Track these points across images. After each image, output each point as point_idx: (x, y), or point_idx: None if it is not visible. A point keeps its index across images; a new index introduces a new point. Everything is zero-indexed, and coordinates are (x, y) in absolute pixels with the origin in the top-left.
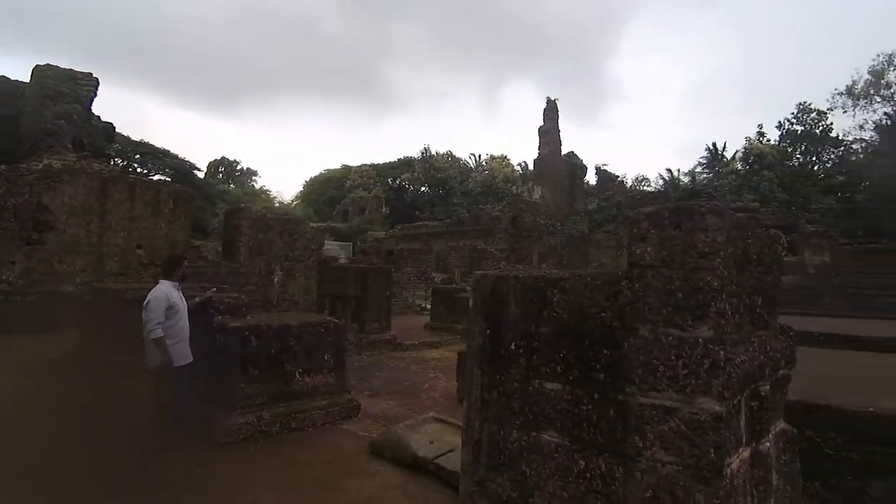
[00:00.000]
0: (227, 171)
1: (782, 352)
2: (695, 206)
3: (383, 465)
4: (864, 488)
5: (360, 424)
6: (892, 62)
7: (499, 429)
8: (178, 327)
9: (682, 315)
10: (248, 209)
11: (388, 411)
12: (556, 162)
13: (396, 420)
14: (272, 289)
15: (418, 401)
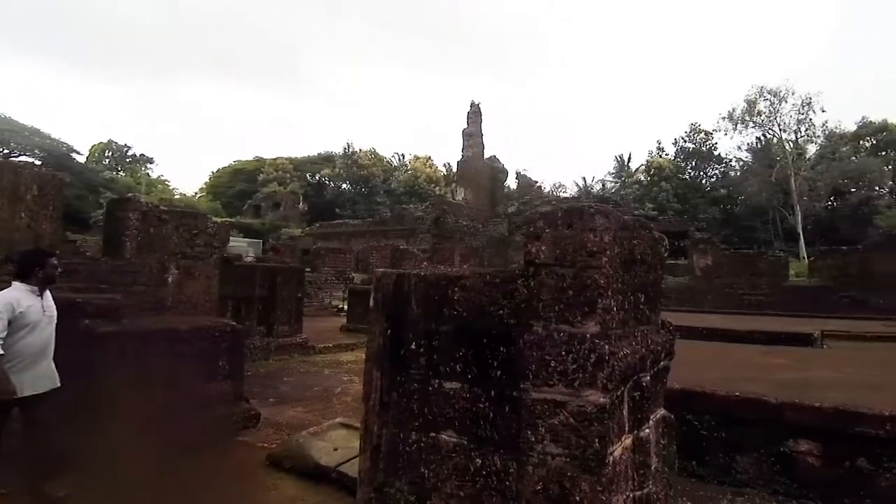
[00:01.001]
0: (116, 156)
1: (663, 345)
2: (585, 207)
3: (283, 478)
4: (731, 463)
5: (259, 435)
6: (763, 93)
7: (398, 431)
8: (22, 345)
9: (572, 312)
10: (137, 199)
11: (294, 419)
12: (479, 165)
13: (302, 428)
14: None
15: (329, 406)
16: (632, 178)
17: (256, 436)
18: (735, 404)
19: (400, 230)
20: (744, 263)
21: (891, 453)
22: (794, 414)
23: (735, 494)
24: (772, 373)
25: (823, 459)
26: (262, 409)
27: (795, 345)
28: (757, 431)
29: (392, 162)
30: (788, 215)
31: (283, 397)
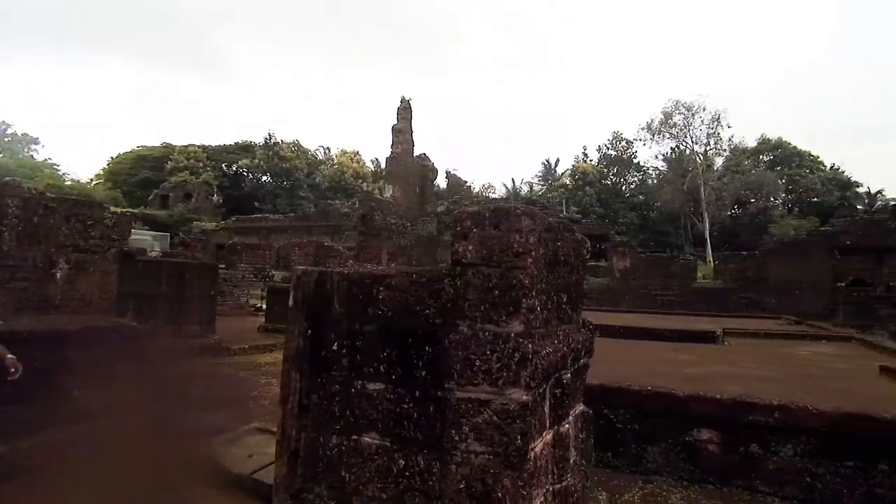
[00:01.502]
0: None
1: (583, 343)
2: (512, 208)
3: (192, 488)
4: (643, 453)
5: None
6: (678, 107)
7: (318, 435)
8: None
9: (497, 311)
10: (18, 184)
11: (205, 426)
12: (408, 162)
13: (214, 435)
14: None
15: (244, 411)
16: (558, 181)
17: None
18: (647, 398)
19: (324, 226)
20: (658, 266)
21: (778, 438)
22: (698, 406)
23: (645, 482)
24: (680, 368)
25: (722, 446)
26: (171, 417)
27: (701, 342)
28: (666, 423)
29: (317, 155)
30: (698, 222)
31: (194, 402)
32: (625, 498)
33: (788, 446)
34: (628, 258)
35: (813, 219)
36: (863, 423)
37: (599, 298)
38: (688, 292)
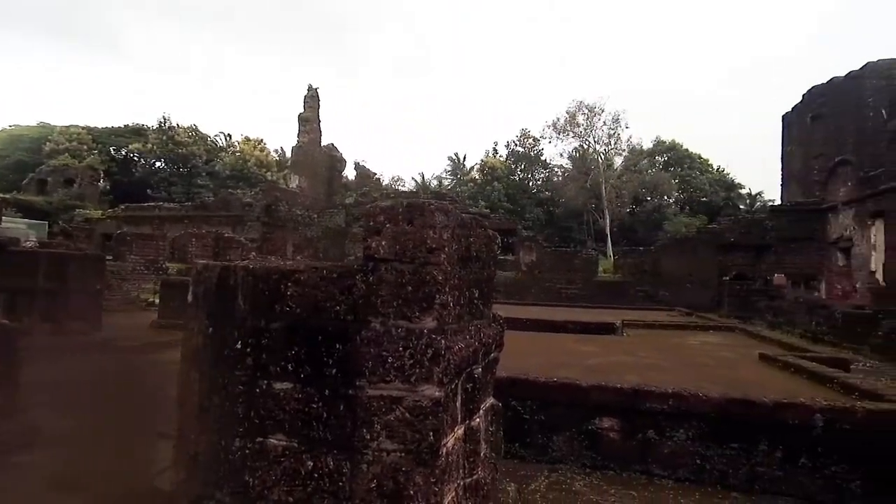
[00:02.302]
0: None
1: (494, 337)
2: (426, 204)
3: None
4: (548, 443)
5: (43, 454)
6: (581, 108)
7: (220, 439)
8: None
9: (410, 307)
10: None
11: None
12: (315, 152)
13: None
14: None
15: (135, 413)
16: (467, 176)
17: (39, 454)
18: (552, 389)
19: (225, 217)
20: (562, 260)
21: (671, 424)
22: (600, 395)
23: (551, 471)
24: (583, 359)
25: (622, 433)
26: (48, 423)
27: (602, 333)
28: (570, 412)
29: (217, 142)
30: (599, 218)
31: (75, 406)
32: (532, 487)
33: (681, 431)
34: (534, 252)
35: (702, 217)
36: (745, 408)
37: (507, 292)
38: (590, 286)
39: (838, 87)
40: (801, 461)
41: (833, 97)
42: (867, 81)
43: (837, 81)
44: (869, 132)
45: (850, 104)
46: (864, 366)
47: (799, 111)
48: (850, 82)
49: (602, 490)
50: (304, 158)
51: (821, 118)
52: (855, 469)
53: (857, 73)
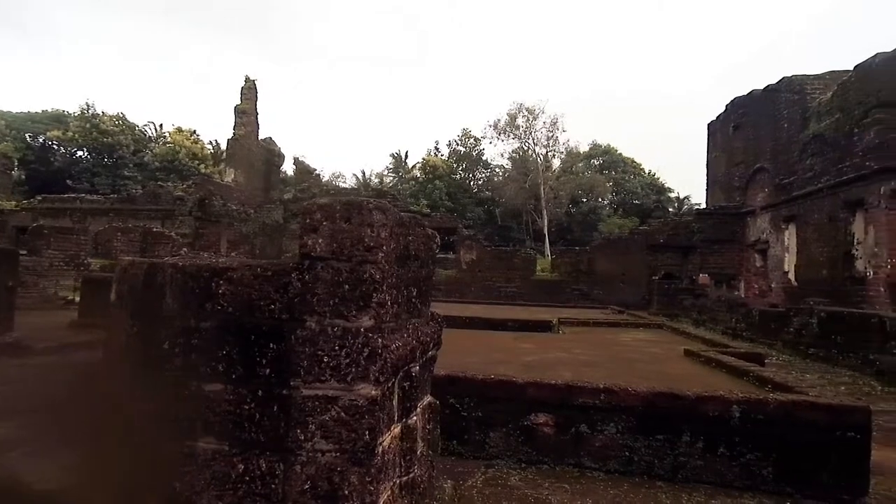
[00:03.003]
0: None
1: (432, 336)
2: (364, 202)
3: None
4: (485, 439)
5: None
6: (521, 110)
7: (145, 443)
8: None
9: (347, 306)
10: None
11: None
12: (252, 145)
13: (14, 449)
14: None
15: (52, 418)
16: (409, 174)
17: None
18: (490, 386)
19: (154, 211)
20: (502, 259)
21: (602, 418)
22: (535, 391)
23: (487, 467)
24: (520, 356)
25: (556, 428)
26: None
27: (539, 331)
28: (507, 409)
29: (146, 132)
30: (538, 218)
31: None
32: (468, 483)
33: (612, 425)
34: (475, 251)
35: (634, 219)
36: (670, 402)
37: (448, 290)
38: (528, 284)
39: (757, 100)
40: (720, 450)
41: (752, 109)
42: (782, 95)
43: (756, 94)
44: (783, 142)
45: (767, 116)
46: (777, 360)
47: (722, 120)
48: (768, 95)
49: (537, 484)
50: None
51: (741, 128)
52: (767, 456)
53: (773, 86)
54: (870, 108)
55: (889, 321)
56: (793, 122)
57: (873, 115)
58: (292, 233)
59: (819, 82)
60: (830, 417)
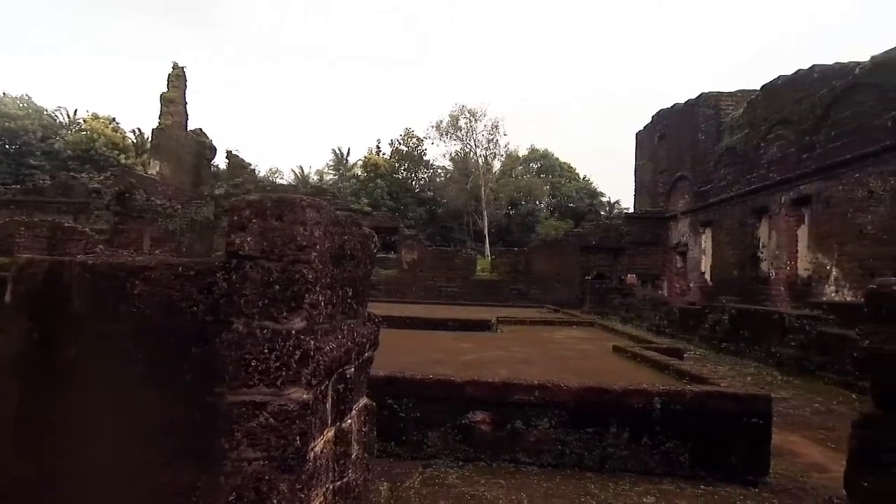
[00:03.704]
0: None
1: (368, 336)
2: (297, 199)
3: None
4: (423, 439)
5: None
6: (464, 112)
7: (47, 459)
8: None
9: (277, 307)
10: None
11: None
12: (180, 136)
13: None
14: None
15: None
16: (350, 172)
17: None
18: (429, 386)
19: (65, 204)
20: (443, 259)
21: (537, 413)
22: (474, 389)
23: (425, 466)
24: (459, 355)
25: (493, 425)
26: None
27: (478, 330)
28: (445, 408)
29: (56, 117)
30: (479, 219)
31: None
32: (406, 484)
33: (545, 420)
34: (416, 251)
35: (569, 221)
36: (599, 395)
37: (388, 290)
38: (469, 284)
39: (679, 112)
40: (643, 440)
41: (675, 120)
42: (700, 109)
43: (678, 107)
44: (701, 153)
45: (687, 128)
46: (695, 353)
47: (649, 130)
48: (688, 109)
49: (474, 481)
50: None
51: (665, 138)
52: (684, 444)
53: (693, 101)
54: (773, 125)
55: (787, 317)
56: (709, 135)
57: (776, 132)
58: (224, 230)
59: (732, 99)
60: (738, 406)
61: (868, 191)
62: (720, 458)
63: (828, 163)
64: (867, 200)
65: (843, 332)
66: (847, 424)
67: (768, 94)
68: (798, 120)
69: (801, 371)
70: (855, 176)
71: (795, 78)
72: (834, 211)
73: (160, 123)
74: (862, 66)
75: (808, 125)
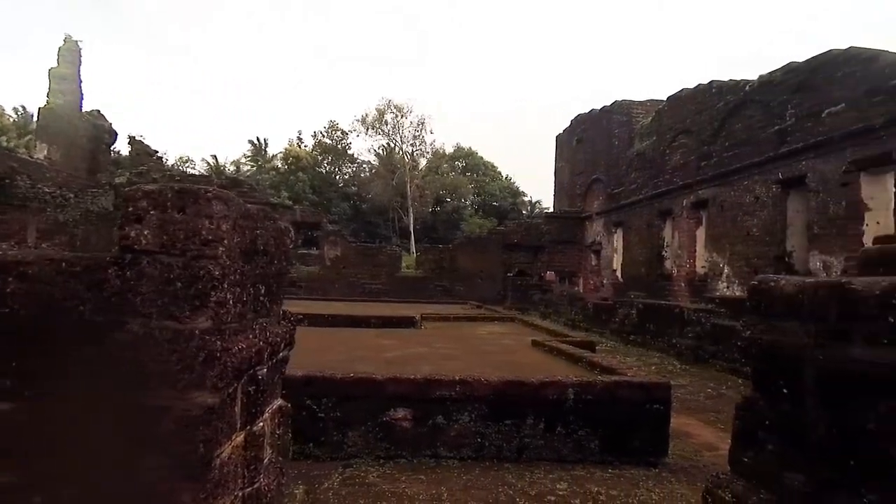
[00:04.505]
0: None
1: (283, 336)
2: (201, 190)
3: None
4: (343, 439)
5: None
6: (390, 107)
7: None
8: None
9: (179, 306)
10: None
11: None
12: (73, 117)
13: None
14: None
15: None
16: (269, 163)
17: None
18: (349, 384)
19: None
20: (367, 256)
21: (458, 408)
22: (395, 386)
23: (345, 466)
24: (382, 352)
25: (414, 422)
26: None
27: (403, 327)
28: (366, 406)
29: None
30: (404, 216)
31: None
32: (325, 486)
33: (466, 414)
34: (340, 247)
35: (493, 219)
36: (517, 388)
37: (310, 287)
38: (393, 281)
39: (595, 118)
40: (557, 430)
41: (591, 125)
42: (614, 116)
43: (595, 113)
44: (615, 157)
45: (602, 133)
46: (606, 346)
47: (568, 133)
48: (603, 115)
49: (394, 478)
50: (57, 123)
51: (582, 142)
52: (594, 432)
53: (608, 108)
54: (677, 134)
55: (686, 311)
56: (622, 141)
57: (679, 140)
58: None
59: (642, 108)
60: (642, 393)
61: (754, 196)
62: (626, 443)
63: (722, 170)
64: (754, 205)
65: (731, 324)
66: (734, 407)
67: (673, 104)
68: (698, 130)
69: (697, 359)
70: (744, 183)
71: (696, 91)
72: (726, 214)
73: (48, 102)
74: (751, 84)
75: (707, 135)
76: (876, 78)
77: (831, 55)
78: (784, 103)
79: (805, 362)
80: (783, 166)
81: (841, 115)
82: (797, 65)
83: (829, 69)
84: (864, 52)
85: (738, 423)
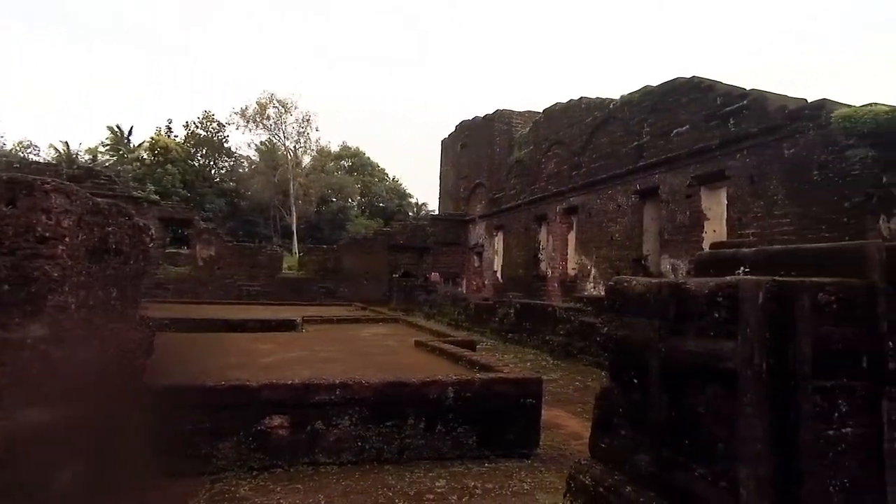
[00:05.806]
0: None
1: (139, 343)
2: (38, 181)
3: None
4: (213, 452)
5: None
6: (273, 100)
7: None
8: None
9: (8, 312)
10: None
11: None
12: None
13: None
14: None
15: None
16: (133, 154)
17: None
18: (221, 393)
19: None
20: (245, 256)
21: (338, 412)
22: (271, 393)
23: (214, 481)
24: (259, 357)
25: (291, 429)
26: None
27: (282, 330)
28: (239, 415)
29: None
30: (287, 215)
31: None
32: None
33: (346, 418)
34: (214, 246)
35: (379, 220)
36: (399, 389)
37: (180, 289)
38: (274, 282)
39: (478, 125)
40: (437, 428)
41: (475, 132)
42: (496, 124)
43: (478, 120)
44: (496, 164)
45: (485, 140)
46: (486, 344)
47: (453, 139)
48: (486, 122)
49: (268, 490)
50: None
51: (466, 147)
52: (473, 428)
53: (490, 116)
54: (552, 145)
55: (558, 310)
56: (503, 148)
57: (553, 150)
58: None
59: (521, 118)
60: (516, 389)
61: (617, 205)
62: (502, 437)
63: (590, 180)
64: (616, 212)
65: (595, 321)
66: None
67: (549, 117)
68: (570, 142)
69: (568, 355)
70: (608, 192)
71: (569, 106)
72: (594, 220)
73: None
74: (615, 103)
75: (577, 147)
76: (712, 105)
77: (678, 82)
78: (641, 122)
79: (651, 354)
80: (641, 178)
81: (685, 135)
82: (652, 88)
83: (677, 94)
84: (704, 82)
85: (597, 412)
